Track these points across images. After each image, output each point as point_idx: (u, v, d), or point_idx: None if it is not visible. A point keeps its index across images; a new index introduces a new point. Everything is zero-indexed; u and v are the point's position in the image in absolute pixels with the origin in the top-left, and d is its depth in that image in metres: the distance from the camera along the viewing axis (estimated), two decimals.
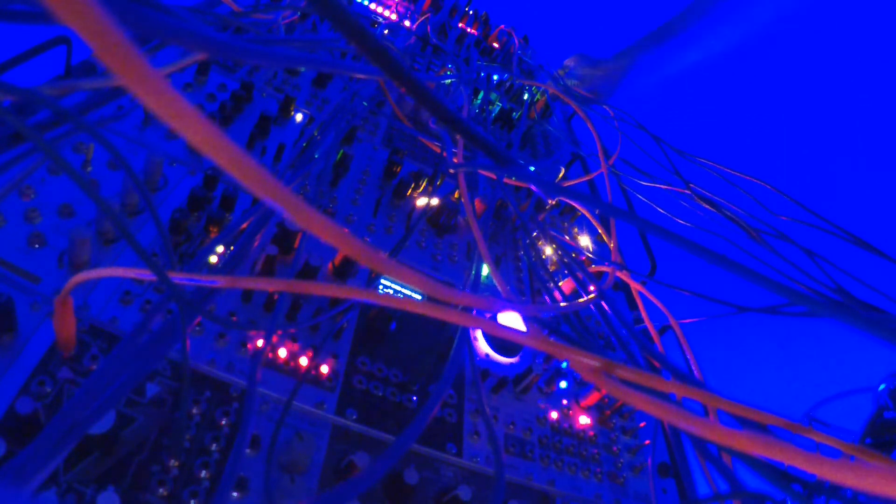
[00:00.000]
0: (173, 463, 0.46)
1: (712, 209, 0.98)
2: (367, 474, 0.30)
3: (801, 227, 0.94)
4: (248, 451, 0.50)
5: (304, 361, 0.60)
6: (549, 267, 0.93)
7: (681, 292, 0.79)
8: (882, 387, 0.66)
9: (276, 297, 0.62)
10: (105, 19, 0.12)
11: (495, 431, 0.62)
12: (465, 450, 0.62)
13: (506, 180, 0.87)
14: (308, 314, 0.65)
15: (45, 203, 0.59)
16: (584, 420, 0.73)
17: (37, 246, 0.55)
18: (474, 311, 0.48)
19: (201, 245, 0.64)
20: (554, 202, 1.08)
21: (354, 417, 0.58)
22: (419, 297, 0.73)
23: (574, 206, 1.12)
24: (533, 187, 0.54)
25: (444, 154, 0.84)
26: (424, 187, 0.93)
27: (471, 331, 0.73)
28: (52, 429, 0.31)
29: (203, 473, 0.47)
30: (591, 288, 0.71)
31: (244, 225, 0.59)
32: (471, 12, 1.89)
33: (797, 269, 0.69)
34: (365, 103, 1.07)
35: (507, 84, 1.50)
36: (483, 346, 0.76)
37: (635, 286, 0.88)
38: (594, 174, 1.23)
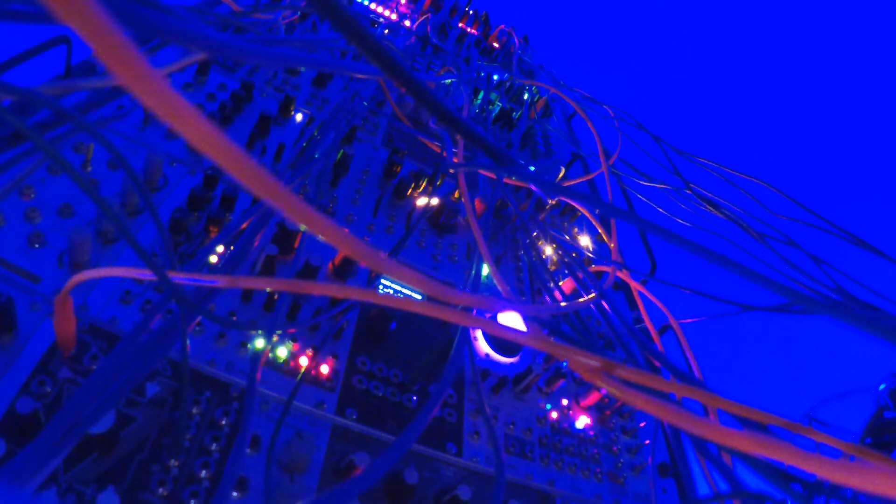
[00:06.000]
0: (173, 463, 0.46)
1: (712, 209, 0.98)
2: (367, 474, 0.30)
3: (801, 227, 0.94)
4: (248, 451, 0.50)
5: (304, 361, 0.60)
6: (549, 267, 0.93)
7: (681, 293, 0.78)
8: (882, 387, 0.66)
9: (276, 297, 0.62)
10: (105, 19, 0.12)
11: (495, 431, 0.62)
12: (465, 450, 0.62)
13: (506, 180, 0.87)
14: (308, 314, 0.65)
15: (45, 203, 0.59)
16: (584, 420, 0.73)
17: (37, 246, 0.55)
18: (474, 311, 0.48)
19: (201, 245, 0.64)
20: (554, 202, 1.08)
21: (354, 417, 0.58)
22: (419, 297, 0.73)
23: (574, 206, 1.12)
24: (533, 187, 0.54)
25: (444, 154, 0.84)
26: (424, 187, 0.93)
27: (471, 331, 0.73)
28: (52, 429, 0.31)
29: (203, 473, 0.47)
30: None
31: (244, 225, 0.59)
32: (471, 12, 1.89)
33: (797, 269, 0.69)
34: (365, 103, 1.07)
35: (507, 84, 1.50)
36: (483, 346, 0.76)
37: (635, 286, 0.88)
38: (594, 174, 1.23)
